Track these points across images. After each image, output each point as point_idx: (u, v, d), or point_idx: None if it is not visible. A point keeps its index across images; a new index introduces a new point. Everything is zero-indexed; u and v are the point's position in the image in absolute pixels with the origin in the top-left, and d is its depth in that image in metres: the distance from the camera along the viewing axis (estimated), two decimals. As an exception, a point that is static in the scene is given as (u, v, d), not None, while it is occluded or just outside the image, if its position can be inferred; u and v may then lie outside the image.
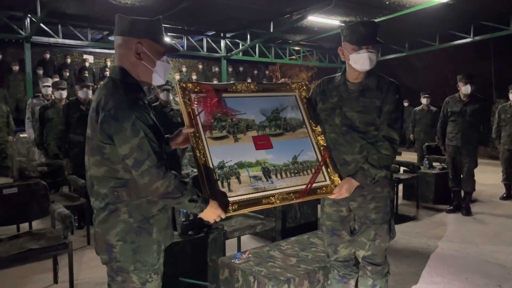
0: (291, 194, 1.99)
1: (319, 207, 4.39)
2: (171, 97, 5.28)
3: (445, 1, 8.72)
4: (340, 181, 2.13)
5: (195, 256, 2.89)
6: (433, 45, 12.42)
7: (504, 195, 6.24)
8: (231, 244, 3.48)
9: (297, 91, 2.29)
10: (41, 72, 10.61)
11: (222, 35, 12.75)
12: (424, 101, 7.70)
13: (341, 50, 2.20)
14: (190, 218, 2.93)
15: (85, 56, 12.75)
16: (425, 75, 14.88)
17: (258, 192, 1.91)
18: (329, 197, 2.15)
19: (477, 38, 11.32)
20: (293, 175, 2.04)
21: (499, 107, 6.51)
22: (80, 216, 4.55)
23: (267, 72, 16.59)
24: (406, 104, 12.40)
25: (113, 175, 1.60)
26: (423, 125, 7.69)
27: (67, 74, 11.13)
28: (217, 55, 13.04)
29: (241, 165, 1.92)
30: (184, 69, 14.11)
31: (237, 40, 12.91)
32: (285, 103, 2.21)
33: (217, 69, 14.24)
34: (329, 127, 2.23)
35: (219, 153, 1.89)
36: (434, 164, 6.34)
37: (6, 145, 7.91)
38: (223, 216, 1.75)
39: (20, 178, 4.48)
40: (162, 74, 1.71)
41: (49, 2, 8.10)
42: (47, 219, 3.87)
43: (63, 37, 10.40)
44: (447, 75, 13.63)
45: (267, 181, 1.95)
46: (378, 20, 10.18)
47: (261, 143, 2.03)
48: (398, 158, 6.07)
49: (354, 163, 2.15)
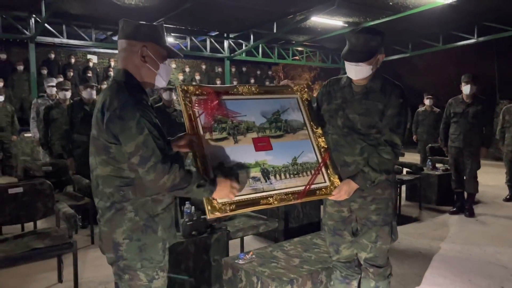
0: (290, 195, 2.00)
1: (322, 208, 4.42)
2: (174, 97, 5.30)
3: (448, 2, 8.70)
4: (340, 182, 2.14)
5: (198, 256, 2.90)
6: (437, 46, 12.37)
7: (508, 197, 6.24)
8: (234, 245, 3.49)
9: (298, 93, 2.31)
10: (45, 72, 10.67)
11: (225, 35, 12.77)
12: (427, 102, 7.67)
13: None
14: (194, 219, 2.94)
15: (89, 56, 12.81)
16: (428, 76, 14.85)
17: (256, 193, 1.92)
18: (328, 198, 2.17)
19: (481, 39, 11.26)
20: (292, 176, 2.05)
21: (503, 108, 6.48)
22: (84, 216, 4.58)
23: (270, 73, 16.58)
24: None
25: (119, 174, 1.63)
26: (426, 126, 7.66)
27: (71, 74, 11.17)
28: (220, 55, 13.06)
29: (239, 166, 1.93)
30: (187, 69, 14.14)
31: (240, 41, 12.92)
32: (286, 105, 2.22)
33: (220, 69, 14.27)
34: (331, 128, 2.24)
35: (219, 154, 1.91)
36: (437, 165, 6.33)
37: (11, 144, 7.95)
38: (237, 188, 1.77)
39: (25, 177, 4.51)
40: (165, 76, 1.77)
41: (54, 2, 8.15)
42: (51, 219, 3.89)
43: (68, 37, 10.45)
44: (450, 76, 13.62)
45: (266, 182, 1.96)
46: (381, 21, 10.17)
47: (261, 144, 2.04)
48: (401, 159, 6.07)
49: (354, 164, 2.16)
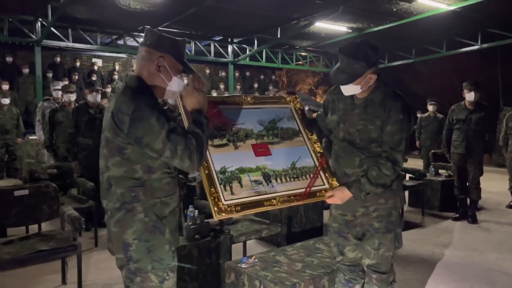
0: (292, 197, 2.07)
1: (324, 212, 4.45)
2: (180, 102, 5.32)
3: (452, 8, 8.73)
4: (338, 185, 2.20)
5: (201, 259, 2.92)
6: (440, 52, 12.38)
7: (511, 203, 6.21)
8: (236, 249, 3.51)
9: (291, 103, 2.43)
10: (50, 75, 10.74)
11: (229, 40, 12.84)
12: (430, 108, 7.68)
13: None
14: (197, 222, 2.97)
15: (93, 60, 12.89)
16: (431, 82, 14.87)
17: (259, 195, 1.98)
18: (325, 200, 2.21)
19: (485, 45, 11.29)
20: (292, 179, 2.13)
21: (506, 115, 6.48)
22: (88, 219, 4.60)
23: (273, 77, 16.60)
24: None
25: (132, 175, 1.68)
26: (429, 132, 7.68)
27: (76, 77, 11.24)
28: (224, 60, 13.13)
29: (242, 170, 2.00)
30: (191, 73, 14.17)
31: (244, 46, 12.99)
32: (281, 114, 2.33)
33: (224, 73, 14.32)
34: (334, 139, 2.29)
35: (221, 159, 1.97)
36: (440, 171, 6.33)
37: (16, 146, 8.01)
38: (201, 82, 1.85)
39: (30, 180, 4.55)
40: (176, 88, 1.81)
41: (60, 6, 8.21)
42: (55, 221, 3.92)
43: (73, 41, 10.55)
44: (453, 82, 13.62)
45: (268, 185, 2.04)
46: (385, 26, 10.20)
47: (260, 150, 2.13)
48: (404, 165, 6.06)
49: (354, 176, 2.18)
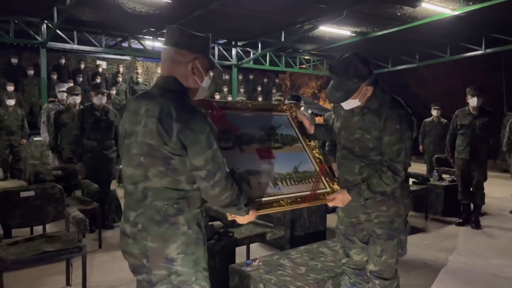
0: (298, 199, 2.12)
1: (328, 216, 4.45)
2: None
3: (456, 13, 8.73)
4: (339, 189, 2.26)
5: (205, 262, 2.93)
6: (444, 56, 12.38)
7: (514, 209, 6.21)
8: (239, 252, 3.51)
9: (287, 111, 2.49)
10: (55, 77, 10.78)
11: (233, 43, 12.89)
12: (434, 112, 7.68)
13: None
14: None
15: (98, 62, 12.94)
16: (435, 86, 14.86)
17: (268, 197, 2.02)
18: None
19: (489, 50, 11.28)
20: (296, 183, 2.18)
21: (510, 120, 6.47)
22: (92, 220, 4.62)
23: (277, 81, 16.64)
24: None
25: (175, 186, 1.60)
26: (432, 136, 7.67)
27: (81, 79, 11.30)
28: (228, 63, 13.17)
29: (249, 172, 2.03)
30: (195, 76, 14.22)
31: (248, 49, 13.04)
32: (279, 122, 2.40)
33: (227, 76, 14.36)
34: (338, 146, 2.33)
35: (228, 161, 1.98)
36: (444, 176, 6.32)
37: (20, 148, 8.05)
38: (253, 218, 1.85)
39: (35, 181, 4.57)
40: (206, 87, 1.77)
41: (66, 9, 8.27)
42: (60, 222, 3.93)
43: (78, 43, 10.61)
44: (457, 87, 13.61)
45: (275, 187, 2.07)
46: (389, 31, 10.22)
47: (264, 154, 2.17)
48: (408, 170, 6.06)
49: (355, 183, 2.20)
